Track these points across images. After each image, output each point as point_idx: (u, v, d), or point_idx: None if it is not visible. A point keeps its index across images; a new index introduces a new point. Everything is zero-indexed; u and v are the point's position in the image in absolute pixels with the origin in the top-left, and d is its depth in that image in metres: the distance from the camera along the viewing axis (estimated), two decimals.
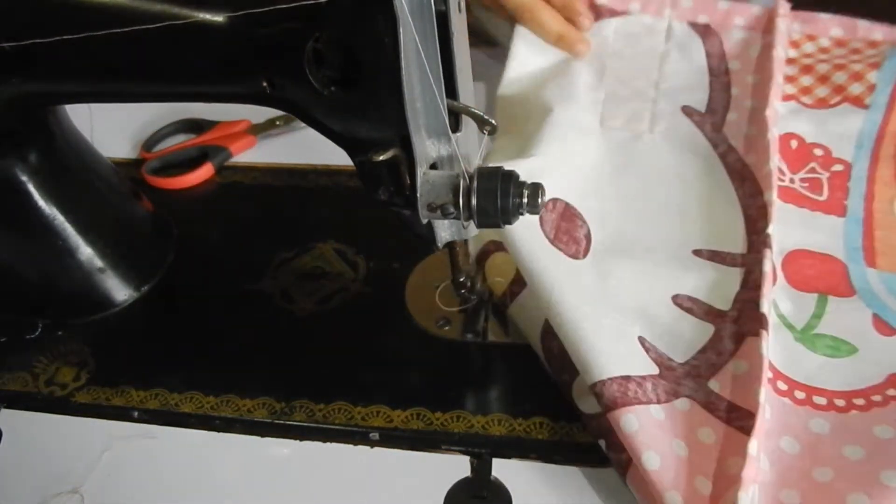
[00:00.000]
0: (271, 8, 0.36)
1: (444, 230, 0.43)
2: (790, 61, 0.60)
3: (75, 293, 0.54)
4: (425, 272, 0.54)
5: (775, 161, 0.52)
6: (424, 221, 0.41)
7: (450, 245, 0.45)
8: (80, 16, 0.40)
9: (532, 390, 0.47)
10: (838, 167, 0.54)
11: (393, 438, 0.46)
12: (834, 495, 0.38)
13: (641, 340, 0.45)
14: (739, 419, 0.41)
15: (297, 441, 0.46)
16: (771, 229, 0.48)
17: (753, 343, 0.43)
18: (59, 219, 0.51)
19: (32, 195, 0.50)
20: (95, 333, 0.54)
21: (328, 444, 0.46)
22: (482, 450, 0.44)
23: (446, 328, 0.51)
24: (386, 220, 0.43)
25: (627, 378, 0.42)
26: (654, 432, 0.40)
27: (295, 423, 0.47)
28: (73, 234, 0.52)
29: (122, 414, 0.49)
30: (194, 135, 0.69)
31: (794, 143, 0.56)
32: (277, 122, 0.69)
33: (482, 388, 0.48)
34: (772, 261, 0.47)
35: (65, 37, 0.39)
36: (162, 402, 0.49)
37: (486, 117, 0.39)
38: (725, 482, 0.38)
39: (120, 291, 0.55)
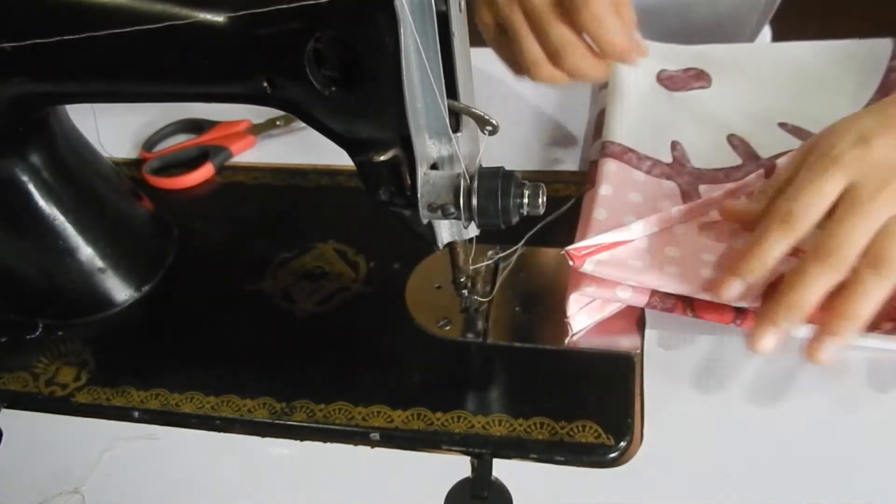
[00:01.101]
0: (272, 8, 0.36)
1: (445, 230, 0.43)
2: None
3: (76, 293, 0.54)
4: (426, 272, 0.54)
5: None
6: (425, 221, 0.41)
7: (450, 245, 0.45)
8: (80, 16, 0.40)
9: (532, 390, 0.47)
10: None
11: (393, 438, 0.46)
12: (698, 270, 0.46)
13: (674, 143, 0.56)
14: (701, 214, 0.49)
15: (298, 441, 0.46)
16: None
17: (757, 177, 0.50)
18: (60, 219, 0.52)
19: (33, 195, 0.50)
20: (96, 333, 0.54)
21: (328, 444, 0.46)
22: (483, 450, 0.44)
23: (447, 328, 0.51)
24: (386, 220, 0.43)
25: (632, 150, 0.55)
26: (623, 179, 0.52)
27: (295, 423, 0.47)
28: (73, 235, 0.52)
29: (122, 414, 0.49)
30: (194, 135, 0.69)
31: None
32: (278, 122, 0.69)
33: (483, 389, 0.48)
34: None
35: (66, 37, 0.39)
36: (162, 402, 0.49)
37: (486, 117, 0.39)
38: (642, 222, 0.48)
39: (120, 291, 0.55)
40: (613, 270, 0.46)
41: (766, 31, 0.89)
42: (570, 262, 0.45)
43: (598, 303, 0.48)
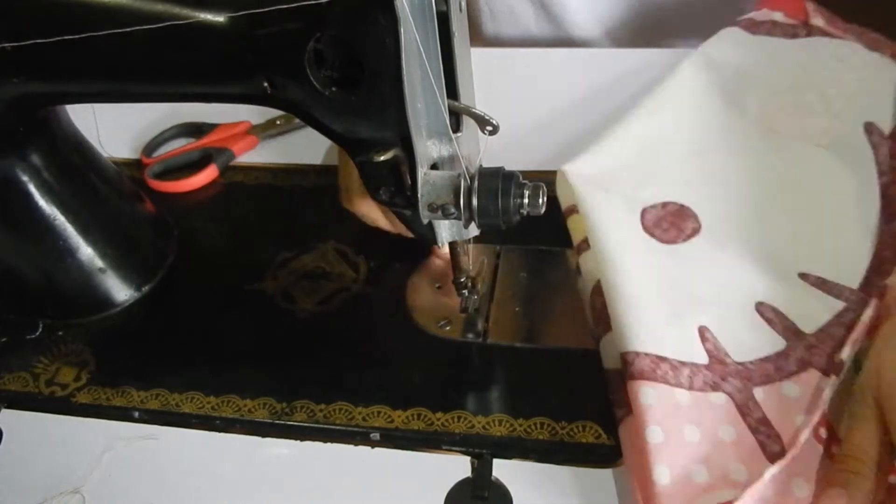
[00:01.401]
0: (272, 8, 0.36)
1: (445, 230, 0.43)
2: None
3: (76, 293, 0.54)
4: (426, 272, 0.54)
5: None
6: (425, 221, 0.41)
7: (451, 245, 0.45)
8: (81, 16, 0.40)
9: (533, 391, 0.47)
10: None
11: (394, 439, 0.46)
12: None
13: (702, 330, 0.45)
14: (766, 436, 0.41)
15: (298, 441, 0.46)
16: (892, 280, 0.45)
17: (816, 378, 0.42)
18: (60, 219, 0.52)
19: (33, 195, 0.50)
20: (96, 333, 0.54)
21: (329, 444, 0.46)
22: (483, 450, 0.44)
23: (447, 328, 0.51)
24: None
25: (663, 358, 0.43)
26: (668, 411, 0.41)
27: (295, 423, 0.47)
28: (73, 235, 0.52)
29: (122, 414, 0.49)
30: (194, 138, 0.69)
31: None
32: (278, 122, 0.69)
33: (483, 389, 0.48)
34: (877, 311, 0.44)
35: (66, 37, 0.39)
36: (162, 402, 0.49)
37: (486, 117, 0.39)
38: (722, 481, 0.39)
39: (121, 291, 0.55)
40: None
41: None
42: None
43: None
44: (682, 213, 0.53)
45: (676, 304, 0.46)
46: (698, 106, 0.60)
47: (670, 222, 0.52)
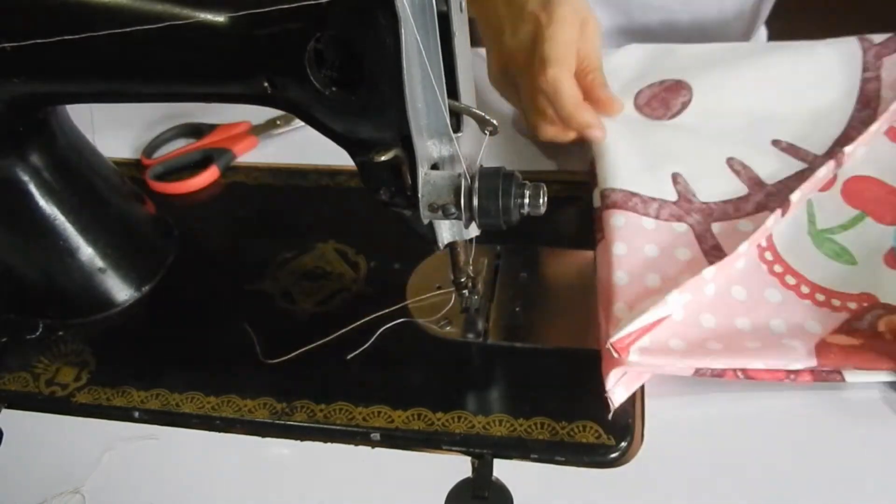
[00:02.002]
0: (272, 8, 0.36)
1: (446, 230, 0.43)
2: None
3: (76, 293, 0.54)
4: (426, 272, 0.54)
5: None
6: (426, 222, 0.41)
7: (451, 245, 0.45)
8: (81, 16, 0.40)
9: (533, 391, 0.47)
10: None
11: (394, 439, 0.46)
12: (739, 337, 0.45)
13: (675, 176, 0.54)
14: (716, 257, 0.48)
15: (298, 441, 0.46)
16: (850, 149, 0.53)
17: (767, 215, 0.49)
18: (60, 219, 0.51)
19: (33, 195, 0.50)
20: (96, 333, 0.54)
21: (329, 444, 0.46)
22: (483, 450, 0.44)
23: (447, 328, 0.51)
24: (387, 220, 0.43)
25: (635, 194, 0.52)
26: (634, 232, 0.50)
27: (296, 423, 0.47)
28: (73, 235, 0.52)
29: (122, 414, 0.49)
30: (194, 139, 0.69)
31: None
32: (278, 122, 0.69)
33: (483, 389, 0.48)
34: (834, 173, 0.53)
35: (66, 37, 0.39)
36: (163, 402, 0.49)
37: (487, 117, 0.39)
38: (672, 287, 0.45)
39: (121, 291, 0.55)
40: (658, 359, 0.44)
41: (762, 32, 0.89)
42: (615, 355, 0.43)
43: (633, 373, 0.45)
44: (676, 86, 0.62)
45: (656, 156, 0.56)
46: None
47: (661, 100, 0.61)
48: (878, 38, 0.62)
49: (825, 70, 0.61)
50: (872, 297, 0.47)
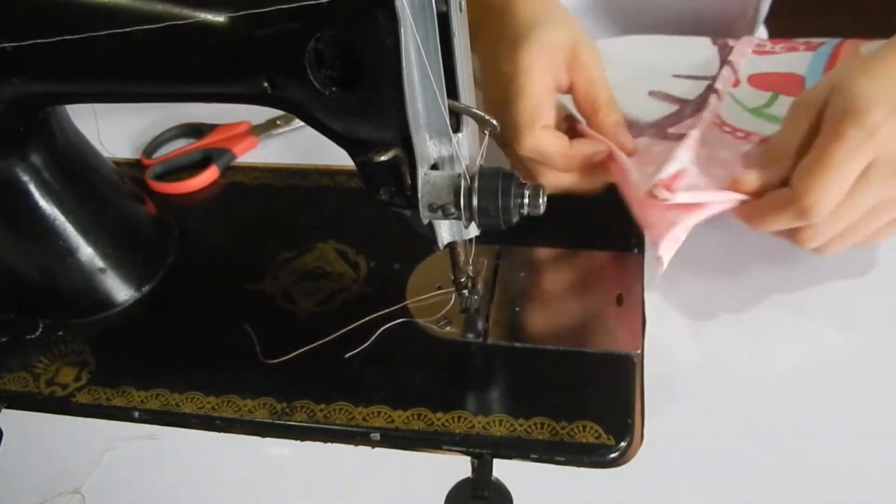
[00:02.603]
0: (272, 8, 0.36)
1: (446, 230, 0.43)
2: None
3: (76, 293, 0.54)
4: (426, 272, 0.54)
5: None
6: (425, 222, 0.41)
7: (451, 245, 0.45)
8: (80, 16, 0.40)
9: (533, 391, 0.47)
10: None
11: (394, 439, 0.46)
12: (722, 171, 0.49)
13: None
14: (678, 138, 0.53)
15: (298, 441, 0.46)
16: (734, 56, 0.61)
17: (704, 106, 0.56)
18: (61, 219, 0.51)
19: (34, 195, 0.50)
20: (96, 333, 0.54)
21: (329, 444, 0.46)
22: (483, 450, 0.44)
23: (447, 328, 0.51)
24: (386, 220, 0.43)
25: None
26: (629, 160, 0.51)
27: (296, 423, 0.47)
28: (74, 235, 0.52)
29: (122, 414, 0.49)
30: (194, 139, 0.69)
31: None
32: (278, 122, 0.69)
33: (483, 389, 0.48)
34: (734, 76, 0.60)
35: (66, 37, 0.39)
36: (163, 402, 0.49)
37: (486, 117, 0.39)
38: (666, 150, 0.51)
39: (121, 291, 0.55)
40: (701, 195, 0.47)
41: (762, 31, 0.89)
42: (665, 196, 0.46)
43: (680, 218, 0.47)
44: None
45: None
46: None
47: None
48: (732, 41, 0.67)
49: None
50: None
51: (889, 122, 0.38)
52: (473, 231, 0.44)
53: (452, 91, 0.38)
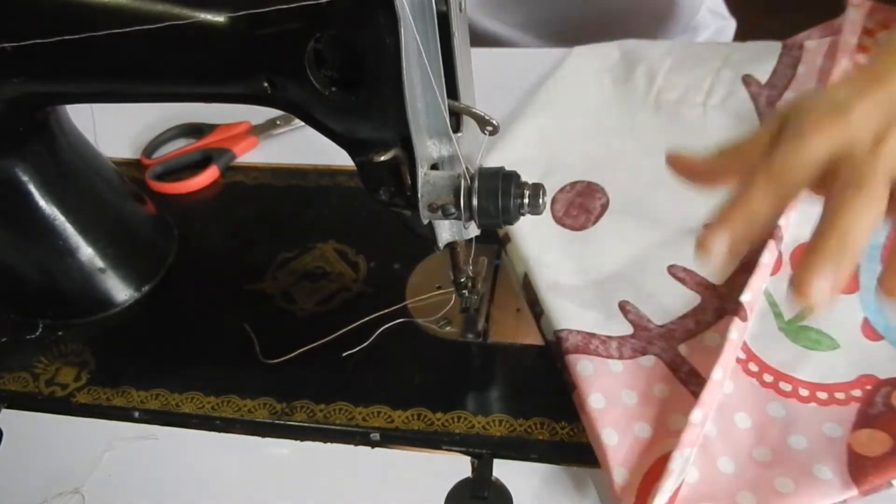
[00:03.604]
0: (272, 8, 0.36)
1: (445, 230, 0.43)
2: (862, 49, 0.59)
3: (76, 293, 0.54)
4: (426, 272, 0.54)
5: None
6: (425, 222, 0.41)
7: (451, 245, 0.45)
8: (81, 16, 0.39)
9: (533, 391, 0.47)
10: None
11: (394, 439, 0.46)
12: (766, 474, 0.40)
13: (623, 304, 0.49)
14: (696, 385, 0.43)
15: (298, 441, 0.46)
16: (783, 221, 0.48)
17: (732, 323, 0.44)
18: (60, 219, 0.51)
19: (33, 195, 0.50)
20: (96, 333, 0.54)
21: (329, 444, 0.46)
22: (483, 450, 0.44)
23: (447, 328, 0.51)
24: (387, 220, 0.43)
25: (592, 335, 0.47)
26: (606, 380, 0.44)
27: (295, 423, 0.47)
28: (73, 235, 0.52)
29: (122, 414, 0.49)
30: (194, 139, 0.69)
31: None
32: (278, 122, 0.69)
33: (483, 389, 0.48)
34: (777, 251, 0.48)
35: (66, 37, 0.39)
36: (162, 402, 0.49)
37: (487, 117, 0.38)
38: (665, 433, 0.42)
39: (121, 291, 0.55)
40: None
41: (731, 26, 0.88)
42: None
43: None
44: (589, 190, 0.57)
45: (597, 285, 0.50)
46: (590, 91, 0.65)
47: (579, 206, 0.55)
48: (761, 76, 0.60)
49: (721, 130, 0.57)
50: (871, 377, 0.43)
51: (861, 107, 0.35)
52: (473, 231, 0.44)
53: (452, 91, 0.38)
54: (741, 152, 0.39)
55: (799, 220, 0.49)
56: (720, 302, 0.47)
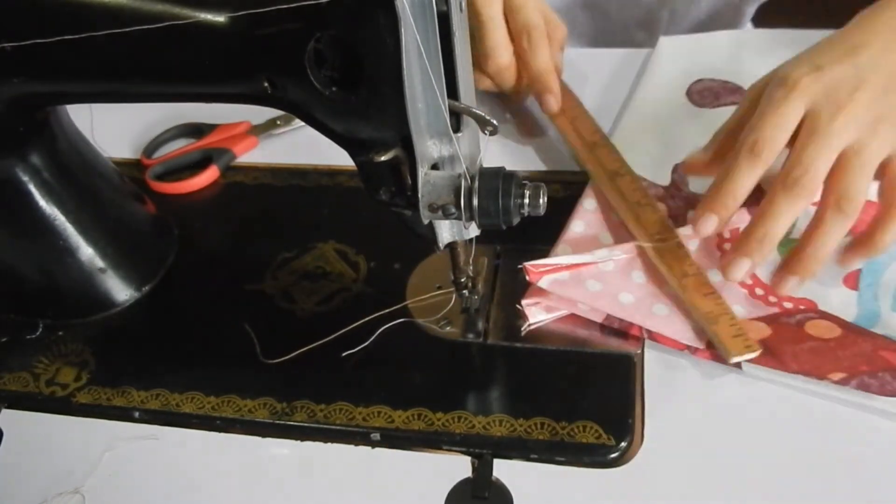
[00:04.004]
0: (272, 8, 0.36)
1: (446, 230, 0.43)
2: None
3: (76, 293, 0.54)
4: (426, 272, 0.54)
5: None
6: (426, 222, 0.41)
7: (451, 245, 0.45)
8: (80, 16, 0.40)
9: (533, 391, 0.47)
10: None
11: (394, 439, 0.46)
12: (651, 303, 0.48)
13: (676, 166, 0.56)
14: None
15: (298, 441, 0.46)
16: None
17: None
18: (60, 219, 0.51)
19: (34, 195, 0.50)
20: (96, 333, 0.54)
21: (329, 444, 0.46)
22: (483, 450, 0.44)
23: (447, 328, 0.51)
24: (387, 220, 0.43)
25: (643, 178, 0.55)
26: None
27: (296, 423, 0.47)
28: (73, 234, 0.52)
29: (122, 414, 0.49)
30: (194, 139, 0.69)
31: None
32: (278, 122, 0.69)
33: (483, 389, 0.48)
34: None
35: (66, 37, 0.39)
36: (163, 402, 0.49)
37: (487, 117, 0.38)
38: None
39: (121, 291, 0.55)
40: (569, 290, 0.48)
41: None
42: (527, 277, 0.48)
43: (550, 301, 0.50)
44: (734, 90, 0.63)
45: (670, 146, 0.58)
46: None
47: (714, 92, 0.63)
48: None
49: None
50: (812, 303, 0.47)
51: (810, 74, 0.44)
52: (473, 231, 0.44)
53: (452, 91, 0.38)
54: (731, 132, 0.48)
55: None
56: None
